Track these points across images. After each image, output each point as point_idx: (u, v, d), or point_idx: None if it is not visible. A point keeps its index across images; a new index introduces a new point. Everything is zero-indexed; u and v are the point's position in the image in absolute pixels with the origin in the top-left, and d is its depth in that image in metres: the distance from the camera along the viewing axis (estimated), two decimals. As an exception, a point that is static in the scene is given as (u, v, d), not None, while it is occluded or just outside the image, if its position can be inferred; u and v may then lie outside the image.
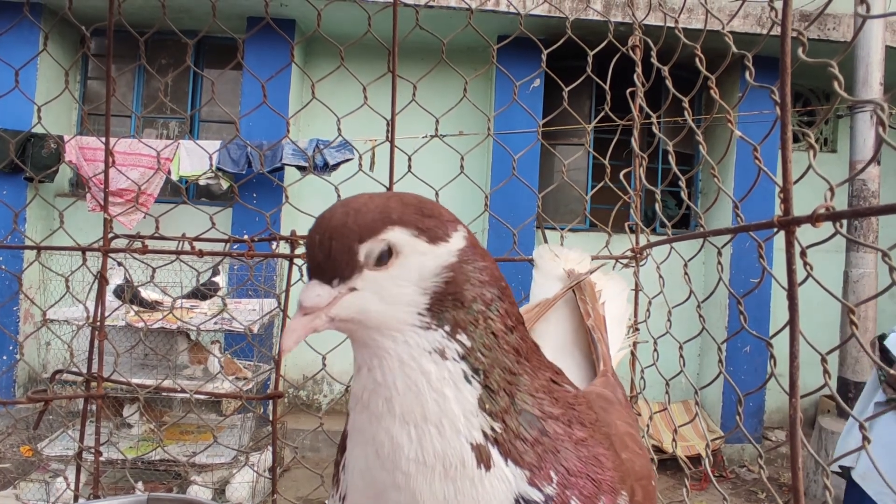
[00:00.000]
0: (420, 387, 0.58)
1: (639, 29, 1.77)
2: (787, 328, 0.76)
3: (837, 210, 0.66)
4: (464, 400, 0.58)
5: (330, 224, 0.58)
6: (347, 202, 0.61)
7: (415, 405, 0.57)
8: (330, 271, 0.57)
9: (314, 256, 0.58)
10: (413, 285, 0.58)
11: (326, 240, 0.58)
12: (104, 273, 1.55)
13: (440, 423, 0.57)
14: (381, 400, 0.58)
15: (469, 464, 0.56)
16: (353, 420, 0.61)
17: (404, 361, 0.58)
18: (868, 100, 4.76)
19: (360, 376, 0.60)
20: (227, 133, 6.36)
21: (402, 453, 0.56)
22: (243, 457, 3.56)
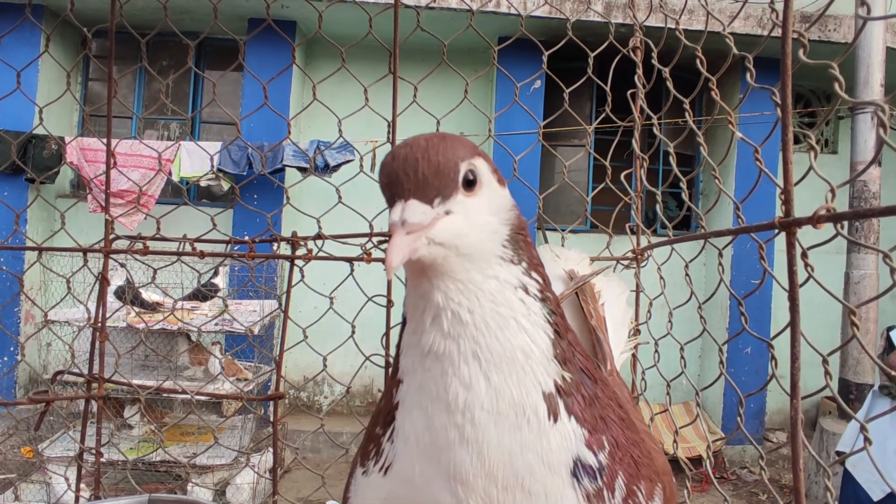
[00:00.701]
0: (511, 325, 0.55)
1: (640, 30, 1.77)
2: (788, 329, 0.76)
3: (838, 211, 0.66)
4: (544, 343, 0.56)
5: (431, 145, 0.56)
6: (427, 134, 0.59)
7: (502, 345, 0.55)
8: (434, 189, 0.54)
9: (417, 171, 0.54)
10: (495, 215, 0.58)
11: (433, 156, 0.55)
12: (105, 274, 1.55)
13: (524, 367, 0.55)
14: (466, 341, 0.55)
15: (541, 414, 0.55)
16: (412, 382, 0.58)
17: (495, 296, 0.56)
18: (869, 101, 4.76)
19: (439, 322, 0.56)
20: (228, 134, 6.37)
21: (477, 402, 0.54)
22: (244, 458, 3.56)
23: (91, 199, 5.25)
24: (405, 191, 0.54)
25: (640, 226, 1.71)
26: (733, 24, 5.78)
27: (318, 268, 1.72)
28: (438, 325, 0.56)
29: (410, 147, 0.56)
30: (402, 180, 0.54)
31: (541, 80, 5.61)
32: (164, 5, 1.80)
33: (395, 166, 0.55)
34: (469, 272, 0.56)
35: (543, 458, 0.54)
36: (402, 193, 0.54)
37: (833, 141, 7.02)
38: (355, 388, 6.16)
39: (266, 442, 4.08)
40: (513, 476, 0.54)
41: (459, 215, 0.55)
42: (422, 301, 0.57)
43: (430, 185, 0.54)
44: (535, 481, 0.54)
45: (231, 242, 1.65)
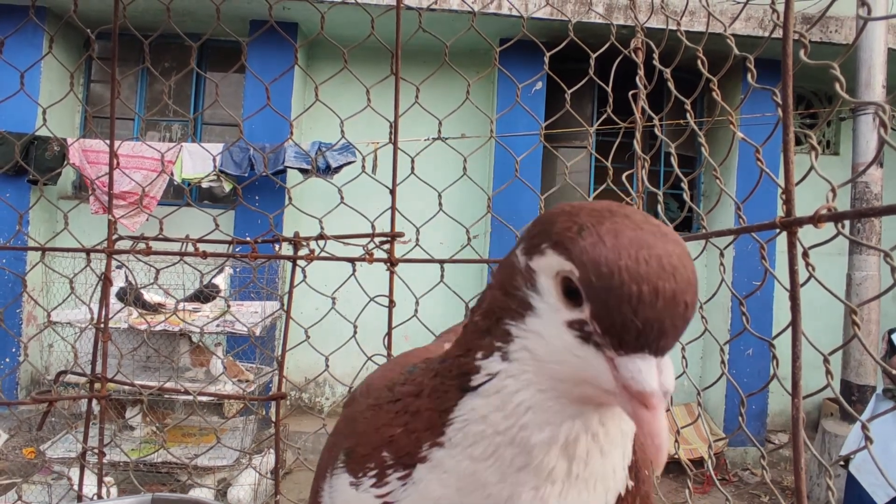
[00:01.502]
0: (622, 439, 0.51)
1: (641, 31, 1.78)
2: (789, 329, 0.77)
3: (839, 211, 0.66)
4: (628, 454, 0.52)
5: (689, 271, 0.44)
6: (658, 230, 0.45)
7: (606, 465, 0.50)
8: (675, 340, 0.44)
9: (682, 324, 0.43)
10: None
11: (694, 297, 0.44)
12: (108, 274, 1.56)
13: (603, 485, 0.51)
14: (578, 463, 0.49)
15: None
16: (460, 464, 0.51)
17: (614, 442, 0.50)
18: (869, 101, 4.75)
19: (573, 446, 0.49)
20: (230, 136, 6.38)
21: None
22: (245, 459, 3.57)
23: (93, 200, 5.26)
24: (664, 347, 0.43)
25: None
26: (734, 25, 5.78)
27: (320, 269, 1.73)
28: (568, 445, 0.49)
29: (673, 276, 0.43)
30: (667, 333, 0.43)
31: (542, 81, 5.62)
32: (166, 7, 1.80)
33: (659, 307, 0.42)
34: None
35: None
36: (658, 348, 0.43)
37: (835, 142, 7.02)
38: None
39: (267, 443, 4.08)
40: None
41: None
42: (560, 417, 0.49)
43: (678, 337, 0.44)
44: None
45: (234, 243, 1.66)
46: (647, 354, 0.42)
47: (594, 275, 0.43)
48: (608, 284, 0.42)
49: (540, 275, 0.48)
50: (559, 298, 0.46)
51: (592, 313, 0.44)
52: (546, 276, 0.47)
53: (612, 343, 0.43)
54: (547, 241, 0.47)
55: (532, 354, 0.48)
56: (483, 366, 0.51)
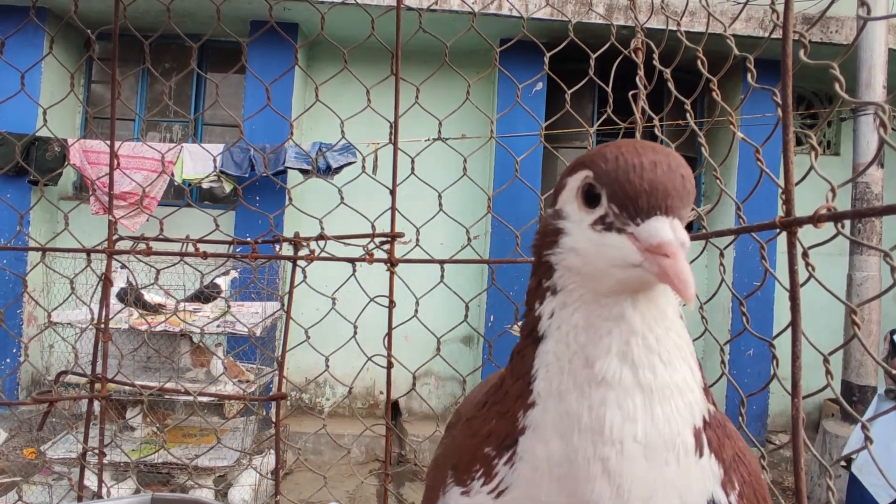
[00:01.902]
0: (681, 354, 0.53)
1: (641, 32, 1.78)
2: (789, 329, 0.76)
3: (839, 211, 0.66)
4: (697, 375, 0.54)
5: (681, 159, 0.52)
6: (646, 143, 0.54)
7: (674, 377, 0.52)
8: (686, 211, 0.51)
9: (682, 188, 0.50)
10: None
11: (689, 174, 0.51)
12: (108, 275, 1.56)
13: (685, 401, 0.52)
14: (644, 370, 0.51)
15: (689, 449, 0.52)
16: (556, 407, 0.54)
17: (674, 323, 0.53)
18: (869, 101, 4.75)
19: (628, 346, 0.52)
20: (230, 136, 6.38)
21: (630, 433, 0.51)
22: (245, 459, 3.57)
23: (94, 200, 5.26)
24: (672, 207, 0.50)
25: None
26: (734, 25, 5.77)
27: (320, 269, 1.73)
28: (625, 351, 0.52)
29: (667, 155, 0.51)
30: (670, 193, 0.50)
31: (542, 81, 5.62)
32: (167, 8, 1.81)
33: (658, 174, 0.50)
34: (664, 296, 0.53)
35: (682, 497, 0.52)
36: (668, 209, 0.50)
37: (835, 143, 7.02)
38: (357, 389, 6.16)
39: (268, 443, 4.08)
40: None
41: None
42: (609, 323, 0.53)
43: (687, 206, 0.51)
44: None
45: (234, 243, 1.66)
46: (659, 215, 0.49)
47: (605, 163, 0.51)
48: (616, 165, 0.50)
49: (565, 203, 0.55)
50: (581, 208, 0.53)
51: (608, 196, 0.51)
52: (570, 195, 0.55)
53: (628, 216, 0.50)
54: (572, 170, 0.56)
55: (570, 269, 0.54)
56: (542, 311, 0.56)
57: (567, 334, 0.54)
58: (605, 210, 0.51)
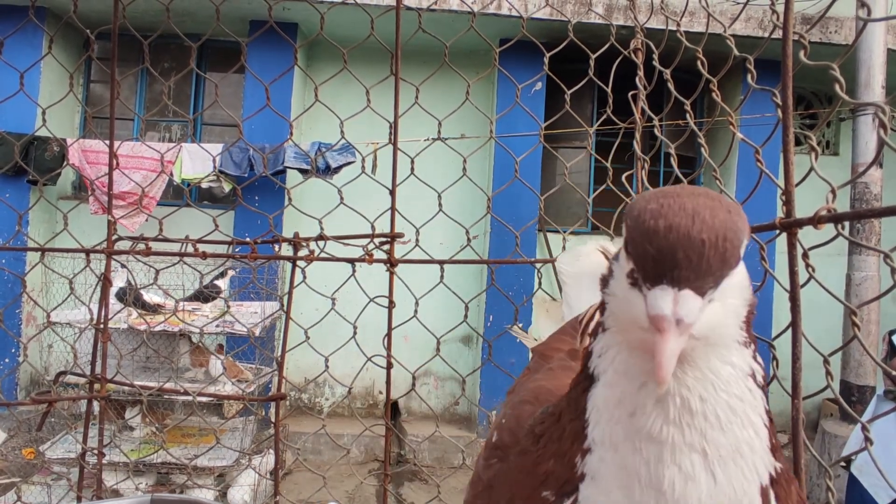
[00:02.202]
0: (739, 416, 0.51)
1: (641, 32, 1.78)
2: (789, 329, 0.76)
3: (839, 212, 0.66)
4: (763, 433, 0.52)
5: (716, 218, 0.47)
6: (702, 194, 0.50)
7: (729, 438, 0.50)
8: (712, 280, 0.46)
9: (703, 258, 0.46)
10: (741, 296, 0.51)
11: (722, 240, 0.46)
12: (108, 274, 1.56)
13: (747, 461, 0.51)
14: (692, 432, 0.50)
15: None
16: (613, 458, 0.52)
17: (729, 385, 0.51)
18: (869, 102, 4.76)
19: (662, 408, 0.50)
20: (229, 136, 6.38)
21: (696, 495, 0.49)
22: (245, 459, 3.56)
23: (93, 200, 5.26)
24: (681, 278, 0.46)
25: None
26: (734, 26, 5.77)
27: (319, 270, 1.73)
28: (663, 410, 0.50)
29: (692, 218, 0.47)
30: (680, 263, 0.46)
31: (542, 81, 5.62)
32: (166, 7, 1.80)
33: (671, 240, 0.46)
34: (710, 360, 0.50)
35: None
36: (676, 279, 0.46)
37: (834, 143, 7.02)
38: (356, 389, 6.15)
39: (267, 443, 4.08)
40: None
41: (719, 302, 0.48)
42: (642, 375, 0.51)
43: (711, 275, 0.46)
44: None
45: (233, 243, 1.66)
46: (666, 285, 0.46)
47: (630, 218, 0.49)
48: (635, 224, 0.48)
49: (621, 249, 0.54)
50: (625, 257, 0.51)
51: (629, 253, 0.49)
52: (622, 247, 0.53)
53: (641, 278, 0.48)
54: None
55: (612, 312, 0.53)
56: (594, 347, 0.55)
57: (612, 378, 0.53)
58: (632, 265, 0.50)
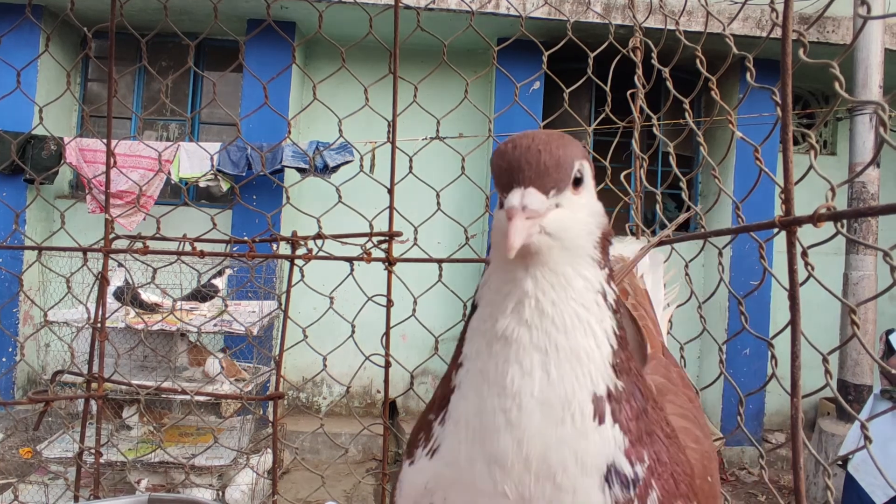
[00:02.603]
0: (584, 325, 0.57)
1: (639, 31, 1.78)
2: (788, 328, 0.76)
3: (839, 210, 0.66)
4: (606, 349, 0.58)
5: (551, 139, 0.58)
6: (547, 132, 0.61)
7: (570, 341, 0.57)
8: (552, 181, 0.57)
9: (539, 162, 0.57)
10: (593, 217, 0.60)
11: (554, 149, 0.57)
12: (105, 273, 1.55)
13: (583, 366, 0.57)
14: (539, 332, 0.57)
15: (586, 413, 0.56)
16: (473, 366, 0.60)
17: (580, 295, 0.58)
18: (868, 100, 4.76)
19: (521, 308, 0.58)
20: (227, 135, 6.37)
21: (529, 389, 0.56)
22: (243, 459, 3.56)
23: (90, 199, 5.24)
24: (525, 178, 0.57)
25: (640, 226, 1.71)
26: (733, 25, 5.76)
27: (317, 269, 1.72)
28: (519, 311, 0.58)
29: (532, 138, 0.58)
30: (523, 167, 0.57)
31: (540, 80, 5.62)
32: (164, 6, 1.80)
33: (516, 154, 0.58)
34: (564, 265, 0.58)
35: (578, 457, 0.55)
36: (521, 181, 0.57)
37: (832, 142, 7.03)
38: (354, 388, 6.15)
39: (265, 443, 4.08)
40: (546, 468, 0.55)
41: (567, 209, 0.58)
42: (508, 286, 0.59)
43: (549, 176, 0.57)
44: (566, 477, 0.55)
45: (231, 242, 1.65)
46: (516, 188, 0.57)
47: (493, 155, 0.60)
48: (495, 155, 0.60)
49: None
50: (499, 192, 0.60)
51: (494, 181, 0.59)
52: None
53: (500, 192, 0.58)
54: None
55: (492, 242, 0.61)
56: (479, 284, 0.63)
57: (486, 298, 0.61)
58: (496, 189, 0.60)
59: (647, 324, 0.89)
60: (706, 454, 0.69)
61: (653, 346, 0.86)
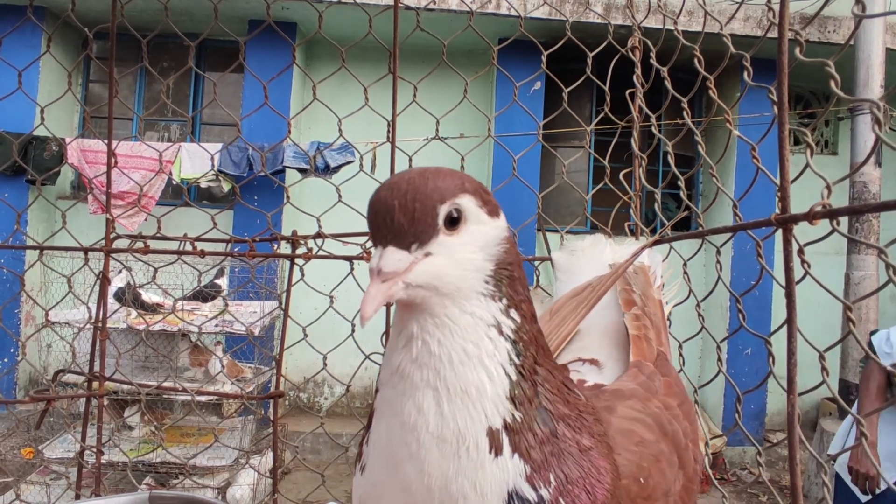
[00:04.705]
0: (473, 361, 0.58)
1: (638, 31, 1.78)
2: (785, 326, 0.77)
3: (834, 207, 0.66)
4: (501, 382, 0.59)
5: (410, 187, 0.57)
6: (414, 171, 0.60)
7: (459, 379, 0.57)
8: (411, 235, 0.56)
9: (394, 220, 0.56)
10: (481, 251, 0.59)
11: (410, 202, 0.56)
12: (107, 273, 1.56)
13: (474, 402, 0.57)
14: (428, 371, 0.58)
15: (482, 447, 0.57)
16: (383, 394, 0.61)
17: (467, 332, 0.58)
18: (864, 99, 4.76)
19: (410, 347, 0.59)
20: (228, 136, 6.38)
21: (424, 425, 0.57)
22: (244, 459, 3.56)
23: (92, 199, 5.25)
24: (383, 237, 0.57)
25: (640, 225, 1.72)
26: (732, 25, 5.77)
27: (318, 268, 1.73)
28: (408, 351, 0.59)
29: (391, 190, 0.58)
30: (380, 227, 0.57)
31: (540, 80, 5.62)
32: (165, 6, 1.80)
33: (376, 209, 0.58)
34: (447, 308, 0.58)
35: (477, 487, 0.57)
36: (380, 240, 0.57)
37: (833, 142, 7.03)
38: (355, 388, 6.16)
39: (265, 442, 4.08)
40: (448, 496, 0.57)
41: (440, 256, 0.57)
42: (400, 324, 0.61)
43: (405, 231, 0.56)
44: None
45: (232, 241, 1.66)
46: (378, 247, 0.58)
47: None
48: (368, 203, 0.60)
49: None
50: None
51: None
52: None
53: (372, 245, 0.59)
54: None
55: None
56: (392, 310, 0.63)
57: (392, 332, 0.63)
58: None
59: (646, 333, 0.89)
60: (647, 455, 0.69)
61: (639, 355, 0.86)
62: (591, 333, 0.91)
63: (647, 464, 0.69)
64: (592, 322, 0.93)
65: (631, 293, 0.93)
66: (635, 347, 0.86)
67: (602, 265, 1.03)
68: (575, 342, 0.91)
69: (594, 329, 0.93)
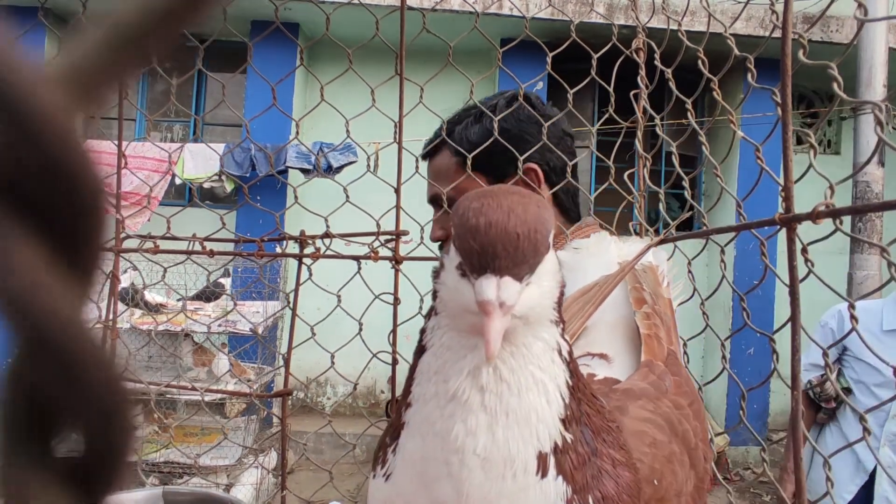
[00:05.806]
0: (539, 386, 0.57)
1: (642, 32, 1.79)
2: (789, 324, 0.78)
3: (837, 207, 0.67)
4: (557, 404, 0.57)
5: (528, 212, 0.54)
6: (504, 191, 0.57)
7: (522, 404, 0.56)
8: (527, 267, 0.53)
9: (517, 249, 0.52)
10: (553, 277, 0.58)
11: (532, 232, 0.53)
12: (116, 272, 1.57)
13: (532, 427, 0.56)
14: (491, 395, 0.56)
15: (529, 470, 0.56)
16: (421, 412, 0.59)
17: (538, 358, 0.57)
18: (866, 101, 4.76)
19: (478, 375, 0.56)
20: (231, 136, 6.40)
21: (472, 447, 0.56)
22: (248, 458, 3.58)
23: (96, 200, 5.27)
24: (501, 267, 0.52)
25: (644, 225, 1.73)
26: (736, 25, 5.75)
27: (323, 268, 1.74)
28: (475, 376, 0.57)
29: (507, 215, 0.54)
30: (499, 255, 0.52)
31: (544, 81, 5.63)
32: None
33: (491, 236, 0.53)
34: (525, 336, 0.57)
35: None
36: (497, 269, 0.52)
37: (836, 142, 7.03)
38: (359, 388, 6.18)
39: (269, 442, 4.10)
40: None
41: (535, 285, 0.55)
42: (465, 350, 0.58)
43: (526, 263, 0.53)
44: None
45: (240, 241, 1.67)
46: (490, 274, 0.52)
47: (457, 218, 0.56)
48: (460, 222, 0.55)
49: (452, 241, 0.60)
50: (454, 252, 0.57)
51: (457, 248, 0.56)
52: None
53: (468, 269, 0.54)
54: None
55: (443, 299, 0.60)
56: (427, 325, 0.63)
57: (437, 349, 0.60)
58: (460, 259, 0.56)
59: (657, 332, 0.89)
60: (660, 457, 0.70)
61: (650, 354, 0.86)
62: (598, 328, 0.91)
63: (660, 465, 0.69)
64: (600, 317, 0.93)
65: (641, 291, 0.93)
66: (646, 346, 0.86)
67: (607, 263, 1.02)
68: (582, 338, 0.92)
69: (602, 324, 0.93)
